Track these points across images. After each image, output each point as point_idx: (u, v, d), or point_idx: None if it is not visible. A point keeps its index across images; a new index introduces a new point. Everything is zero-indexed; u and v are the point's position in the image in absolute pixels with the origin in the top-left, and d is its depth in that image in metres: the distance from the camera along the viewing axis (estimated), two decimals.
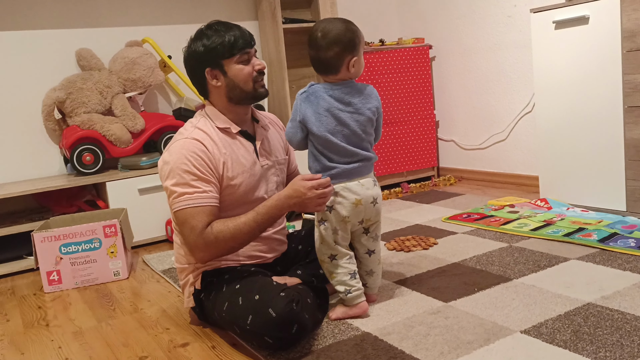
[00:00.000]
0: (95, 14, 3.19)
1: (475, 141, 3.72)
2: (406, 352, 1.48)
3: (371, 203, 1.70)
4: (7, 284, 2.54)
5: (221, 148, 1.70)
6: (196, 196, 1.62)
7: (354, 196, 1.67)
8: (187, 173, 1.62)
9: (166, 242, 2.96)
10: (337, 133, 1.66)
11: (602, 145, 2.56)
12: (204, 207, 1.62)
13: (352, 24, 1.69)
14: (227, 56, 1.68)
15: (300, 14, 3.65)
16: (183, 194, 1.62)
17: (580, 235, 2.26)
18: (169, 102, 3.46)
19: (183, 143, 1.66)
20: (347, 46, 1.65)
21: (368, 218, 1.72)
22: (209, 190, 1.65)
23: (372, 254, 1.78)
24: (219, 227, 1.62)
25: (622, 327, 1.50)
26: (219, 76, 1.71)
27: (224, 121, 1.75)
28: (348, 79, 1.70)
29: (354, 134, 1.67)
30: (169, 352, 1.67)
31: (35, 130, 3.07)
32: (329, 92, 1.67)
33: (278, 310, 1.49)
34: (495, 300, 1.75)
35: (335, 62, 1.66)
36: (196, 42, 1.70)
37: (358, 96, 1.69)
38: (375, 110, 1.71)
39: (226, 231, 1.62)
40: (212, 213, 1.64)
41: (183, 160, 1.63)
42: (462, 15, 3.63)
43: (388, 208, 3.18)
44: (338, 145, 1.66)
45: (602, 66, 2.51)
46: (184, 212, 1.62)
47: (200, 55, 1.70)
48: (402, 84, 3.66)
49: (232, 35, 1.68)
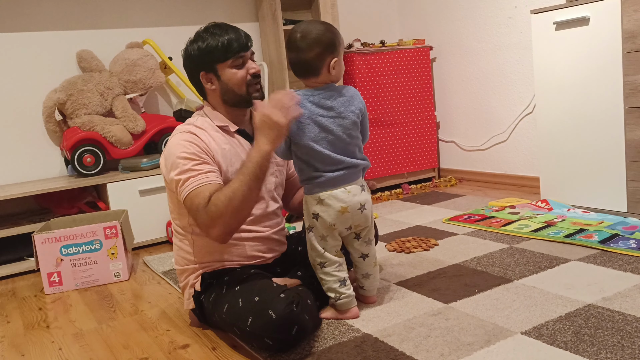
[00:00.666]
0: (96, 15, 3.19)
1: (476, 142, 3.72)
2: (407, 354, 1.48)
3: (358, 209, 1.68)
4: (8, 285, 2.54)
5: (220, 143, 1.71)
6: (200, 177, 1.60)
7: (339, 204, 1.65)
8: (187, 160, 1.62)
9: (167, 244, 2.96)
10: (321, 140, 1.63)
11: (603, 147, 2.56)
12: (207, 186, 1.59)
13: (331, 25, 1.67)
14: (221, 60, 1.69)
15: (301, 15, 3.66)
16: (188, 178, 1.60)
17: (581, 237, 2.26)
18: (169, 104, 3.46)
19: (180, 136, 1.67)
20: (328, 47, 1.63)
21: (357, 224, 1.71)
22: (210, 169, 1.63)
23: (366, 257, 1.78)
24: (215, 196, 1.56)
25: (623, 329, 1.49)
26: (213, 80, 1.72)
27: (222, 120, 1.75)
28: (329, 82, 1.67)
29: (339, 139, 1.65)
30: (170, 353, 1.67)
31: (35, 131, 3.07)
32: (309, 99, 1.64)
33: (278, 311, 1.49)
34: (496, 302, 1.75)
35: (315, 64, 1.63)
36: (193, 44, 1.71)
37: (340, 100, 1.66)
38: (359, 113, 1.69)
39: (222, 197, 1.54)
40: (215, 190, 1.58)
41: (180, 149, 1.63)
42: (463, 16, 3.63)
43: (389, 209, 3.18)
44: (322, 153, 1.63)
45: (602, 67, 2.51)
46: (189, 196, 1.59)
47: (195, 58, 1.71)
48: (403, 85, 3.65)
49: (227, 39, 1.67)
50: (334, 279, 1.70)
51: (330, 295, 1.72)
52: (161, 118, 3.15)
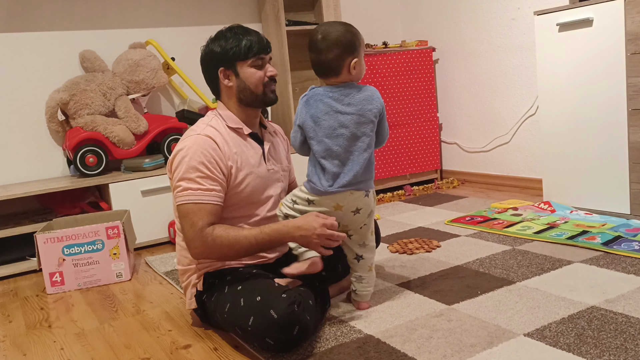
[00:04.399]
0: (99, 15, 3.19)
1: (479, 144, 3.71)
2: (409, 355, 1.47)
3: (352, 212, 1.70)
4: (10, 285, 2.54)
5: (232, 147, 1.73)
6: (199, 193, 1.63)
7: (335, 202, 1.68)
8: (195, 169, 1.64)
9: (169, 244, 2.96)
10: (338, 137, 1.65)
11: (606, 148, 2.56)
12: (206, 205, 1.63)
13: (352, 26, 1.69)
14: (241, 58, 1.72)
15: (304, 16, 3.66)
16: (187, 188, 1.63)
17: (584, 238, 2.25)
18: (172, 104, 3.47)
19: (195, 139, 1.68)
20: (347, 47, 1.65)
21: (345, 224, 1.73)
22: (214, 189, 1.65)
23: (361, 259, 1.78)
24: (219, 232, 1.62)
25: (626, 331, 1.49)
26: (231, 76, 1.75)
27: (235, 121, 1.77)
28: (349, 82, 1.69)
29: (354, 136, 1.66)
30: (171, 353, 1.67)
31: (38, 131, 3.07)
32: (329, 94, 1.67)
33: (279, 311, 1.49)
34: (499, 303, 1.74)
35: (335, 64, 1.66)
36: (214, 42, 1.75)
37: (359, 98, 1.67)
38: (377, 113, 1.69)
39: (225, 238, 1.62)
40: (214, 212, 1.64)
41: (193, 156, 1.65)
42: (466, 17, 3.63)
43: (391, 210, 3.17)
44: (336, 151, 1.65)
45: (606, 69, 2.50)
46: (186, 207, 1.63)
47: (216, 54, 1.74)
48: (406, 87, 3.65)
49: (250, 39, 1.72)
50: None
51: (291, 246, 1.73)
52: (164, 118, 3.16)
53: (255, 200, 1.77)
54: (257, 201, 1.77)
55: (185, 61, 3.38)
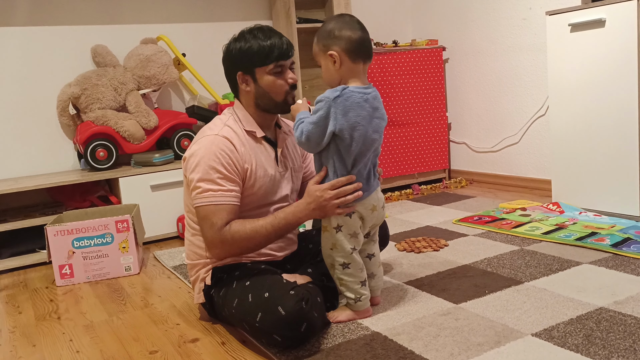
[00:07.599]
0: (111, 11, 3.21)
1: (487, 144, 3.70)
2: (416, 353, 1.47)
3: (382, 207, 1.71)
4: (20, 276, 2.56)
5: (248, 149, 1.72)
6: (220, 194, 1.63)
7: (371, 204, 1.66)
8: (214, 170, 1.63)
9: (177, 239, 2.98)
10: (373, 141, 1.61)
11: (616, 150, 2.54)
12: (226, 205, 1.63)
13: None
14: (259, 64, 1.68)
15: (315, 14, 3.66)
16: (207, 190, 1.63)
17: (593, 240, 2.24)
18: (182, 100, 3.48)
19: (213, 139, 1.67)
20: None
21: (374, 223, 1.72)
22: (233, 189, 1.66)
23: (373, 257, 1.77)
24: (236, 227, 1.63)
25: (635, 332, 1.48)
26: (249, 82, 1.72)
27: (251, 124, 1.76)
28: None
29: (380, 138, 1.64)
30: (179, 347, 1.68)
31: (49, 125, 3.10)
32: (364, 97, 1.58)
33: (287, 308, 1.49)
34: (506, 303, 1.74)
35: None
36: (235, 43, 1.71)
37: (379, 101, 1.65)
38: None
39: (243, 232, 1.63)
40: (232, 211, 1.65)
41: (212, 156, 1.64)
42: (477, 17, 3.62)
43: (399, 209, 3.17)
44: (368, 156, 1.62)
45: (618, 70, 2.49)
46: (206, 208, 1.63)
47: (234, 57, 1.71)
48: (415, 86, 3.65)
49: (269, 44, 1.66)
50: (357, 279, 1.67)
51: (349, 296, 1.68)
52: (174, 114, 3.17)
53: (267, 202, 1.78)
54: (269, 202, 1.78)
55: (196, 57, 3.39)
